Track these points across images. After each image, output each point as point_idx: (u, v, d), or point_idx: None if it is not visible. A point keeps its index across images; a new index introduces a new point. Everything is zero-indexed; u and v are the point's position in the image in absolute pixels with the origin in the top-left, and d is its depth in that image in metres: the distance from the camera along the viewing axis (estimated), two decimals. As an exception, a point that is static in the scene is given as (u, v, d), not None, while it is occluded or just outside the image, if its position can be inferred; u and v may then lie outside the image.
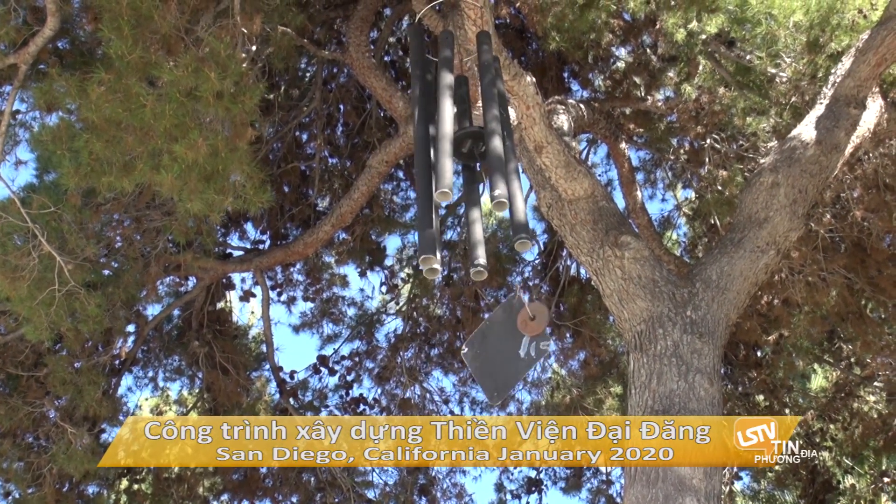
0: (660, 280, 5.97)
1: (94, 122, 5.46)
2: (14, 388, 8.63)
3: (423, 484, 11.38)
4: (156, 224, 8.11)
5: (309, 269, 11.12)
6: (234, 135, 5.51)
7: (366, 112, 10.17)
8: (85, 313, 7.09)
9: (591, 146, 11.03)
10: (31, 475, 9.07)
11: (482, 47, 4.78)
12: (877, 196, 7.94)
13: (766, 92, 7.79)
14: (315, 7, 9.27)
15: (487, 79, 4.56)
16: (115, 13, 5.15)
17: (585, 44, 8.42)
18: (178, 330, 10.44)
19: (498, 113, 4.40)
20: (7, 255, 6.61)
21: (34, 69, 6.37)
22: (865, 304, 8.88)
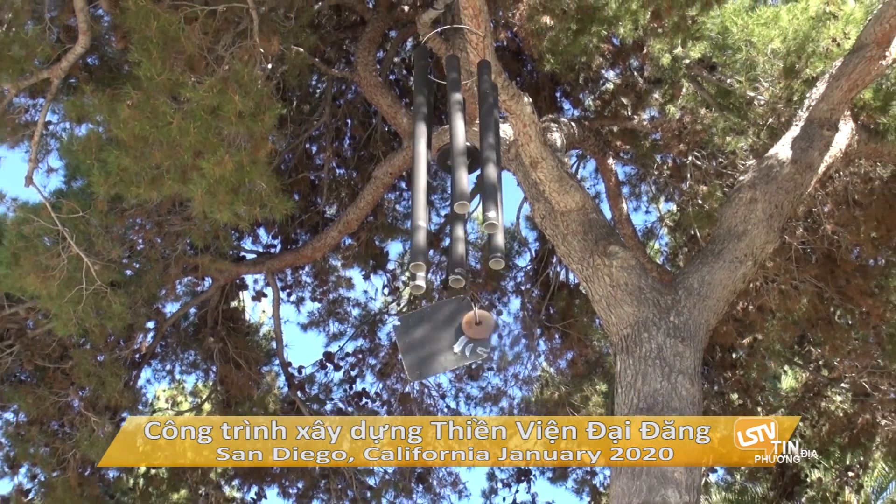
0: (645, 287, 5.98)
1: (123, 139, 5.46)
2: (41, 379, 8.63)
3: (420, 472, 11.38)
4: (176, 228, 8.11)
5: (317, 272, 11.12)
6: (253, 149, 5.52)
7: (371, 127, 10.17)
8: (109, 310, 7.09)
9: (581, 161, 11.04)
10: (56, 460, 9.07)
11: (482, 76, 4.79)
12: (846, 212, 7.96)
13: (744, 113, 7.80)
14: (326, 28, 9.29)
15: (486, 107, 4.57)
16: (144, 34, 5.16)
17: (577, 66, 8.44)
18: (194, 327, 10.43)
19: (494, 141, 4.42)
20: (38, 255, 6.61)
21: (66, 83, 6.37)
22: (834, 311, 8.90)
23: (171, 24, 5.21)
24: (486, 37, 5.30)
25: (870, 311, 8.49)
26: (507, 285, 11.22)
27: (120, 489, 10.01)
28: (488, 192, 4.06)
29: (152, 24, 5.14)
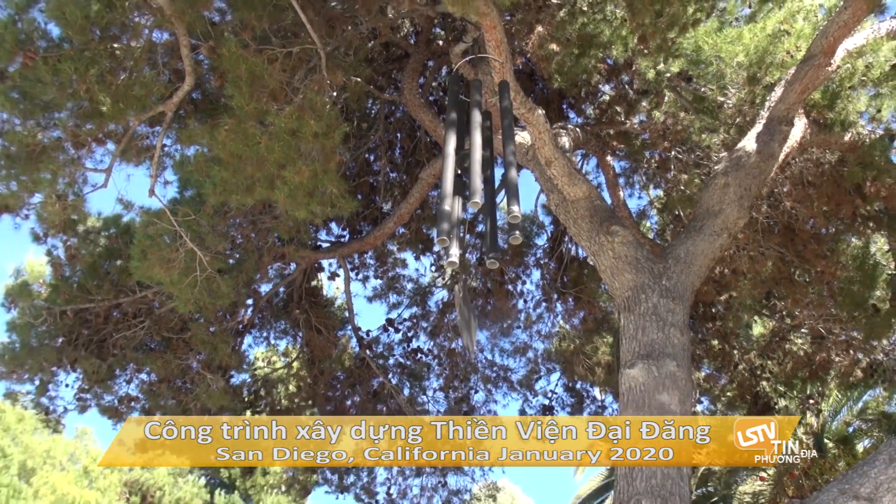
0: (641, 258, 5.93)
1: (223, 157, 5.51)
2: (167, 347, 8.74)
3: (465, 411, 11.42)
4: (266, 225, 8.17)
5: (378, 255, 11.17)
6: (325, 161, 5.53)
7: (417, 139, 10.16)
8: (218, 291, 7.16)
9: (585, 159, 10.94)
10: (180, 409, 9.20)
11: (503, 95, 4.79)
12: (802, 191, 7.84)
13: (716, 115, 7.69)
14: (378, 62, 9.28)
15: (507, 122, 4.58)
16: (236, 73, 5.18)
17: (579, 83, 8.38)
18: (283, 302, 10.53)
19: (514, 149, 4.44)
20: (161, 250, 6.68)
21: (176, 115, 6.42)
22: (794, 271, 8.77)
23: (257, 65, 5.23)
24: (506, 62, 5.27)
25: (823, 271, 8.38)
26: (529, 260, 11.19)
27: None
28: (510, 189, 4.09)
29: (242, 65, 5.17)
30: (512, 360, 11.64)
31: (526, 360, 11.58)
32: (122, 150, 6.44)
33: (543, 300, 11.37)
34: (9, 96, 5.38)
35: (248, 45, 5.42)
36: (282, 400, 10.84)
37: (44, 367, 8.37)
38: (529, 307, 11.49)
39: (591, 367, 10.67)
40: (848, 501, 3.84)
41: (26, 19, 5.44)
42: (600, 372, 10.66)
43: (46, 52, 5.37)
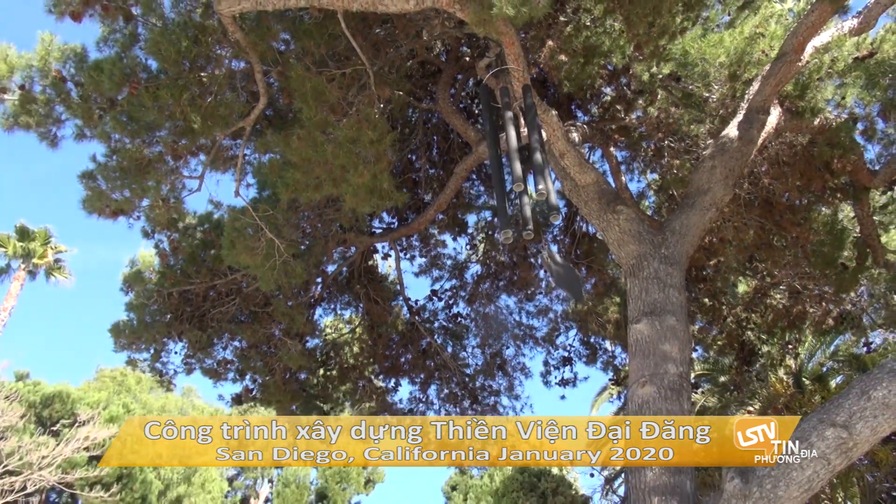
0: (643, 232, 5.86)
1: (294, 161, 5.54)
2: (254, 319, 8.87)
3: (499, 363, 11.44)
4: (330, 217, 8.22)
5: (422, 238, 11.18)
6: (378, 162, 5.54)
7: (450, 140, 10.11)
8: (293, 272, 7.25)
9: (591, 150, 10.79)
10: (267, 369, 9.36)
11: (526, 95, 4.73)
12: (778, 169, 7.67)
13: (703, 108, 7.53)
14: (416, 77, 9.23)
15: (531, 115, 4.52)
16: (302, 91, 5.20)
17: (585, 87, 8.23)
18: (346, 279, 10.59)
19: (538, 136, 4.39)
20: (246, 241, 6.78)
21: (254, 128, 6.48)
22: (773, 237, 8.60)
23: (319, 84, 5.26)
24: (523, 71, 5.22)
25: (798, 236, 8.20)
26: (547, 237, 11.11)
27: (309, 385, 10.29)
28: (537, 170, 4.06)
29: (307, 84, 5.20)
30: (536, 321, 11.61)
31: (547, 320, 11.54)
32: (212, 160, 6.53)
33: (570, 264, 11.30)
34: (119, 120, 5.48)
35: (310, 68, 5.44)
36: (348, 359, 10.94)
37: (156, 339, 8.56)
38: (549, 276, 11.44)
39: (602, 324, 10.59)
40: (826, 429, 3.78)
41: (130, 56, 5.52)
42: (611, 328, 10.58)
43: (147, 82, 5.45)
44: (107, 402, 20.56)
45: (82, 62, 5.46)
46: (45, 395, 19.12)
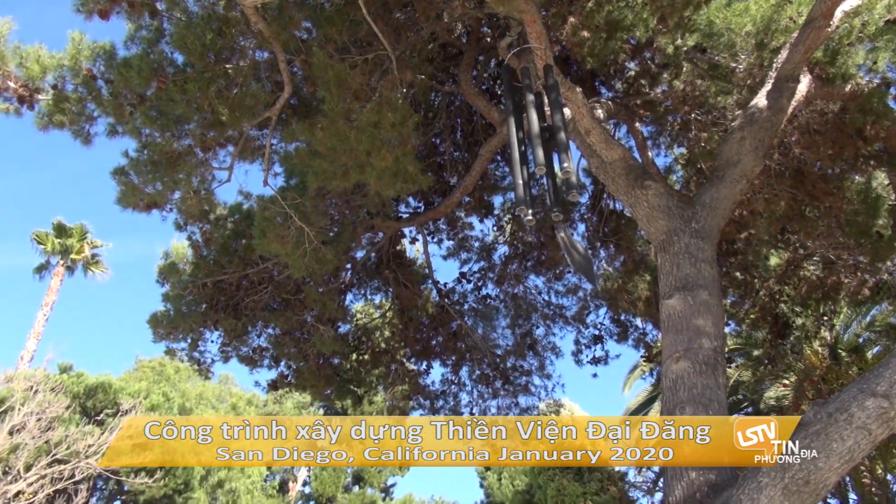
0: (672, 206, 5.79)
1: (320, 150, 5.57)
2: (286, 306, 8.97)
3: (530, 343, 11.44)
4: (357, 203, 8.25)
5: (449, 221, 11.18)
6: (402, 146, 5.55)
7: (474, 122, 10.07)
8: (323, 259, 7.31)
9: (616, 127, 10.66)
10: (300, 355, 9.47)
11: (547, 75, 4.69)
12: (809, 138, 7.51)
13: (729, 79, 7.38)
14: (437, 60, 9.18)
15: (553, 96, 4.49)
16: (325, 79, 5.22)
17: (608, 62, 8.11)
18: (375, 265, 10.65)
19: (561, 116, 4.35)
20: (276, 229, 6.84)
21: (279, 118, 6.52)
22: (805, 208, 8.44)
23: (342, 70, 5.26)
24: (546, 50, 5.17)
25: (831, 206, 8.04)
26: (574, 216, 11.04)
27: (342, 370, 10.40)
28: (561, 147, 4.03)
29: (330, 71, 5.20)
30: (565, 300, 11.55)
31: (577, 299, 11.48)
32: (240, 151, 6.59)
33: (588, 248, 11.22)
34: (149, 115, 5.56)
35: (333, 55, 5.45)
36: (380, 343, 11.03)
37: (193, 328, 8.72)
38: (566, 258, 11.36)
39: (632, 301, 10.51)
40: (867, 398, 3.72)
41: (156, 51, 5.59)
42: (641, 305, 10.50)
43: (174, 77, 5.51)
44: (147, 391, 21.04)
45: (111, 59, 5.54)
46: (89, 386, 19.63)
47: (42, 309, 25.82)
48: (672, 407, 4.68)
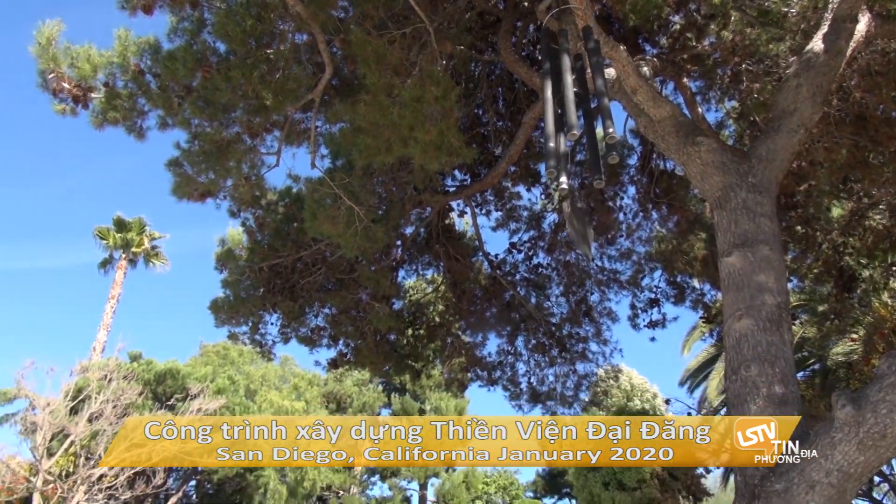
0: (727, 161, 5.61)
1: (363, 127, 5.58)
2: (341, 286, 9.11)
3: (585, 309, 11.35)
4: (404, 179, 8.28)
5: (496, 192, 11.11)
6: (444, 119, 5.51)
7: (516, 90, 9.92)
8: (374, 237, 7.37)
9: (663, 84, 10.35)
10: (357, 332, 9.63)
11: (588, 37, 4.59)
12: (870, 80, 7.14)
13: (781, 25, 7.06)
14: (475, 30, 9.06)
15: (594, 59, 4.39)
16: (364, 56, 5.21)
17: (651, 17, 7.85)
18: (425, 240, 10.70)
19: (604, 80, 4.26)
20: (326, 210, 6.93)
21: (322, 99, 6.56)
22: (868, 155, 8.06)
23: (380, 46, 5.25)
24: (587, 9, 5.03)
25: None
26: (624, 178, 10.82)
27: (399, 346, 10.54)
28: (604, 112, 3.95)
29: (369, 48, 5.19)
30: (619, 265, 11.39)
31: (631, 263, 11.30)
32: (286, 135, 6.67)
33: (640, 210, 11.00)
34: (197, 105, 5.66)
35: (371, 32, 5.43)
36: (434, 318, 11.12)
37: (253, 312, 8.95)
38: (629, 218, 11.16)
39: (689, 261, 10.28)
40: (944, 348, 3.56)
41: (199, 41, 5.67)
42: (697, 265, 10.27)
43: (218, 65, 5.59)
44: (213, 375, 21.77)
45: (157, 53, 5.65)
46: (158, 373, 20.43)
47: (109, 301, 26.92)
48: (737, 365, 4.57)
